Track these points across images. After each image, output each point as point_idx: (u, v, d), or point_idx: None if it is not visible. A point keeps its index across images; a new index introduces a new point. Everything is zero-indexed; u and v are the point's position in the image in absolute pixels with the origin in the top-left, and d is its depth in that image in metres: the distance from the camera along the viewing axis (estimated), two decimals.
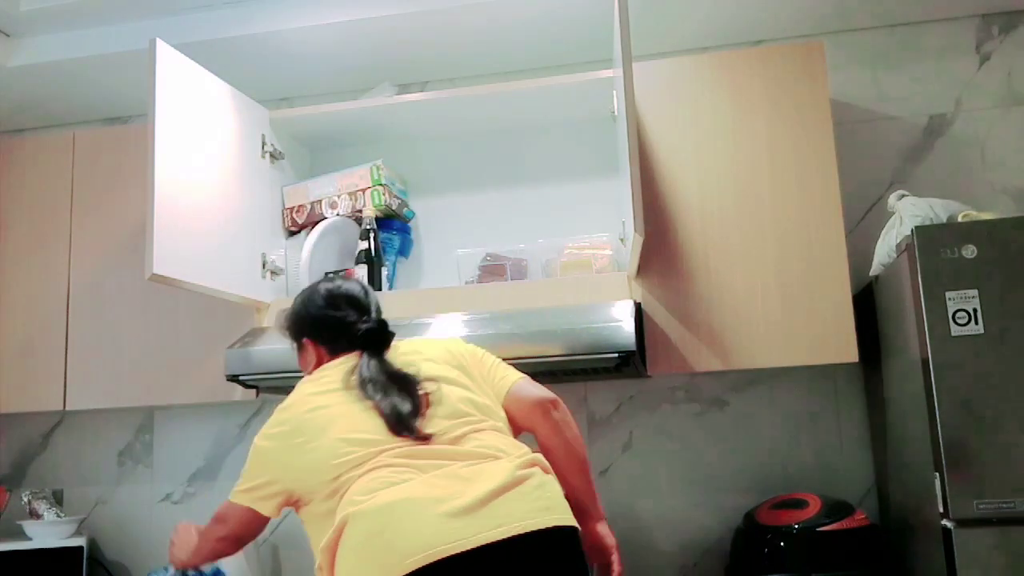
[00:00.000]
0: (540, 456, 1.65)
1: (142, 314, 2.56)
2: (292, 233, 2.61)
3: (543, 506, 1.50)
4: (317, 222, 2.51)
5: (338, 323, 1.79)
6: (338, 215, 2.51)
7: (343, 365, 1.73)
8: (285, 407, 1.68)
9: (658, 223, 2.28)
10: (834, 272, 2.19)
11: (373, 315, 1.82)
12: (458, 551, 1.38)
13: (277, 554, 2.73)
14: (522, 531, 1.44)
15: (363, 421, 1.60)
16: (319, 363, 1.81)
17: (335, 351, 1.78)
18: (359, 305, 1.82)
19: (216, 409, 2.82)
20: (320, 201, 2.54)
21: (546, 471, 1.61)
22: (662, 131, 2.33)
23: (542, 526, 1.47)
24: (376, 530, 1.44)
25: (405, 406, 1.61)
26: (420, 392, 1.65)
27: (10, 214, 2.70)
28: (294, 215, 2.58)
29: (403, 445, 1.57)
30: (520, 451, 1.62)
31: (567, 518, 1.53)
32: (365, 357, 1.72)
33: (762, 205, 2.25)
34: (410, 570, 1.37)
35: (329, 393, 1.66)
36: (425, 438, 1.58)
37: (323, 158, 2.81)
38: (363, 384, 1.66)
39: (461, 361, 1.78)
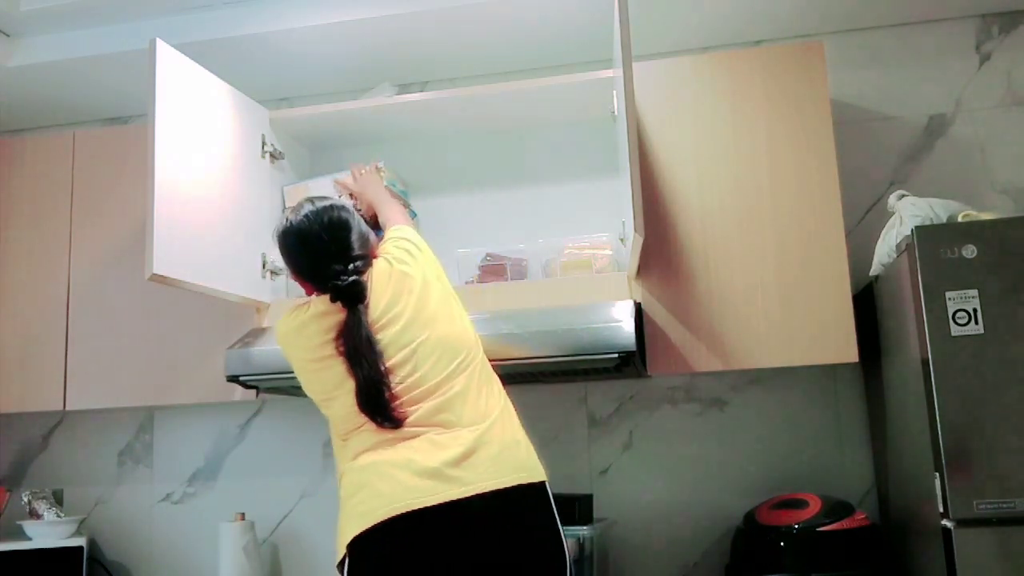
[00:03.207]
0: (505, 417, 1.77)
1: (142, 314, 2.56)
2: None
3: (506, 467, 1.67)
4: None
5: (300, 267, 1.87)
6: None
7: (323, 320, 1.78)
8: (287, 343, 1.84)
9: (658, 223, 2.28)
10: (834, 272, 2.19)
11: (344, 257, 1.82)
12: (421, 506, 1.58)
13: (277, 554, 2.73)
14: (487, 490, 1.62)
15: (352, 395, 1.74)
16: (310, 292, 1.89)
17: (322, 288, 1.81)
18: (315, 247, 1.82)
19: (216, 409, 2.82)
20: None
21: (515, 432, 1.76)
22: (662, 131, 2.33)
23: (505, 486, 1.64)
24: (356, 487, 1.66)
25: (380, 403, 1.71)
26: (392, 380, 1.73)
27: (10, 214, 2.70)
28: None
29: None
30: (490, 414, 1.74)
31: (531, 477, 1.69)
32: (346, 320, 1.76)
33: (762, 205, 2.25)
34: (378, 520, 1.58)
35: (323, 359, 1.77)
36: (397, 425, 1.70)
37: (323, 158, 2.81)
38: (349, 355, 1.74)
39: (426, 268, 1.88)
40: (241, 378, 2.25)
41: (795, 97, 2.28)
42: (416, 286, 1.82)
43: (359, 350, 1.72)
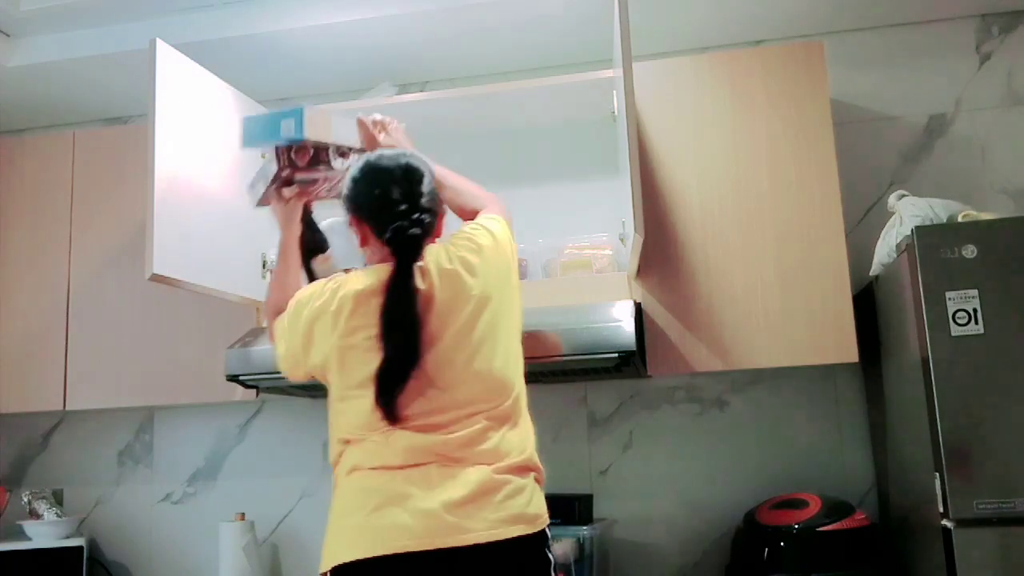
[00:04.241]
0: (524, 457, 1.62)
1: (142, 314, 2.56)
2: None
3: (508, 516, 1.54)
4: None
5: (368, 201, 1.70)
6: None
7: (365, 299, 1.62)
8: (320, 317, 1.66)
9: (658, 223, 2.28)
10: (834, 272, 2.19)
11: (412, 203, 1.68)
12: (411, 550, 1.47)
13: (277, 554, 2.73)
14: (484, 541, 1.50)
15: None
16: (364, 242, 1.72)
17: (377, 232, 1.68)
18: (387, 184, 1.69)
19: (216, 409, 2.82)
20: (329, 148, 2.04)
21: (524, 473, 1.61)
22: (662, 131, 2.33)
23: (503, 537, 1.51)
24: (350, 509, 1.55)
25: (397, 386, 1.57)
26: (416, 372, 1.58)
27: (10, 214, 2.70)
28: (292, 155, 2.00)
29: (401, 427, 1.58)
30: (508, 453, 1.60)
31: (530, 528, 1.56)
32: (392, 277, 1.62)
33: (762, 205, 2.25)
34: (366, 555, 1.48)
35: (359, 343, 1.61)
36: (394, 421, 1.57)
37: None
38: (385, 318, 1.59)
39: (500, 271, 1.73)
40: (241, 378, 2.25)
41: (795, 97, 2.28)
42: (470, 300, 1.64)
43: (398, 320, 1.57)
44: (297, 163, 1.89)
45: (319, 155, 1.92)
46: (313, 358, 1.67)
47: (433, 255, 1.67)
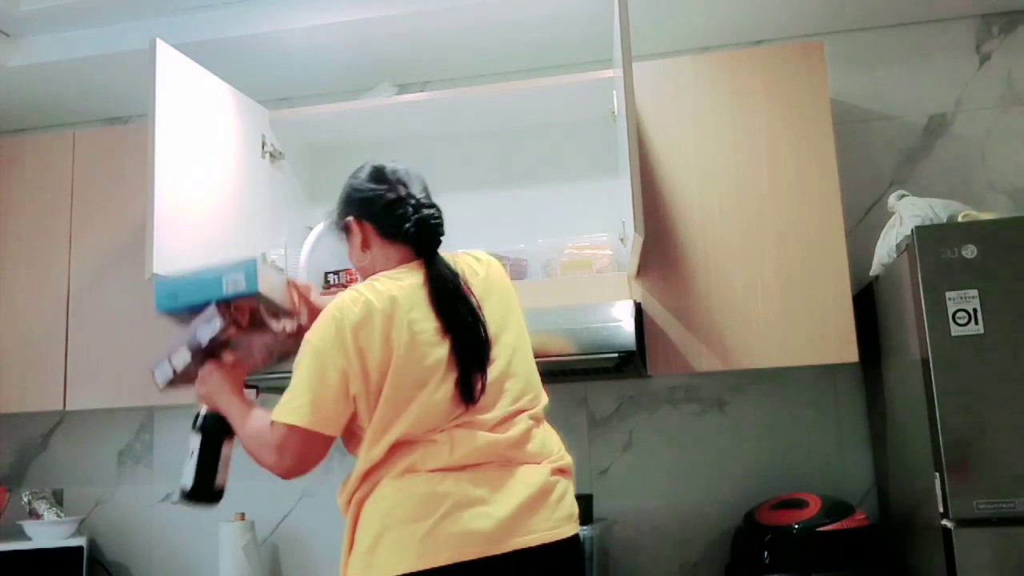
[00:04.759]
0: (565, 460, 1.66)
1: (142, 314, 2.56)
2: None
3: (565, 515, 1.58)
4: None
5: (380, 198, 1.68)
6: None
7: (406, 292, 1.59)
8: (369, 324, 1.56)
9: (658, 223, 2.28)
10: (834, 272, 2.19)
11: (428, 195, 1.73)
12: (487, 554, 1.46)
13: (277, 554, 2.73)
14: (549, 540, 1.52)
15: (443, 389, 1.55)
16: (366, 244, 1.70)
17: (385, 232, 1.68)
18: (404, 182, 1.70)
19: None
20: None
21: (567, 475, 1.65)
22: (662, 131, 2.33)
23: (564, 536, 1.55)
24: (414, 514, 1.48)
25: (476, 376, 1.57)
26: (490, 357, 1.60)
27: (10, 214, 2.69)
28: None
29: (461, 421, 1.56)
30: (551, 452, 1.63)
31: (578, 527, 1.62)
32: (428, 273, 1.62)
33: (762, 205, 2.25)
34: (437, 565, 1.44)
35: (423, 335, 1.57)
36: (473, 402, 1.56)
37: (323, 158, 2.81)
38: (440, 305, 1.58)
39: (510, 296, 1.74)
40: None
41: (795, 97, 2.28)
42: (506, 294, 1.72)
43: (451, 300, 1.59)
44: (240, 323, 1.71)
45: (255, 315, 1.74)
46: (369, 366, 1.54)
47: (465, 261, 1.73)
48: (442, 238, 1.70)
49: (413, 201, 1.68)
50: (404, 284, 1.61)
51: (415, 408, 1.54)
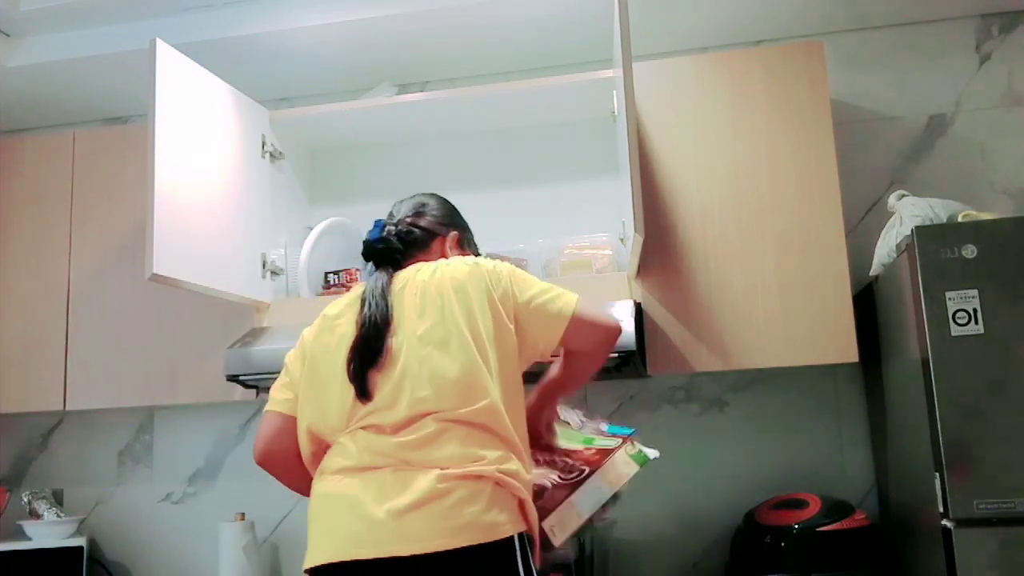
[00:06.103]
0: (490, 467, 1.54)
1: (142, 314, 2.56)
2: None
3: (460, 524, 1.48)
4: None
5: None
6: None
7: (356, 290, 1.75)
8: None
9: (658, 223, 2.28)
10: (834, 272, 2.19)
11: (391, 219, 1.87)
12: (354, 558, 1.48)
13: (277, 554, 2.73)
14: (431, 550, 1.45)
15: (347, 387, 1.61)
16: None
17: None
18: (392, 211, 1.91)
19: (216, 409, 2.82)
20: None
21: (483, 481, 1.53)
22: (662, 131, 2.33)
23: (447, 547, 1.46)
24: (315, 513, 1.58)
25: (366, 379, 1.60)
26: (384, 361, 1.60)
27: (10, 214, 2.70)
28: None
29: (367, 423, 1.59)
30: (468, 458, 1.53)
31: (476, 537, 1.48)
32: (369, 287, 1.71)
33: (762, 205, 2.25)
34: (320, 562, 1.51)
35: (339, 345, 1.67)
36: (366, 397, 1.59)
37: (323, 158, 2.81)
38: (360, 326, 1.65)
39: (484, 296, 1.69)
40: (241, 378, 2.26)
41: (795, 97, 2.28)
42: (448, 295, 1.65)
43: (364, 303, 1.66)
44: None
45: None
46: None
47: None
48: (392, 254, 1.78)
49: (382, 223, 1.85)
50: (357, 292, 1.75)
51: (315, 403, 1.65)
